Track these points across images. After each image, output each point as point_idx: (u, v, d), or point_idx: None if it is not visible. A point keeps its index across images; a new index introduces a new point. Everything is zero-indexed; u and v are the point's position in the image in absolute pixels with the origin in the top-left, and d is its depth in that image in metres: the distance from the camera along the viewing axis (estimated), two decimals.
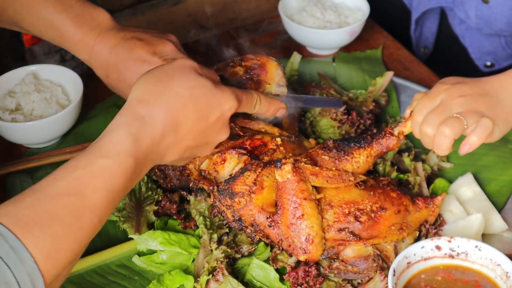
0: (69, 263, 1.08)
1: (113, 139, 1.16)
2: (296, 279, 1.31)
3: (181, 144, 1.25)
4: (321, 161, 1.40)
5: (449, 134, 1.30)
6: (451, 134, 1.30)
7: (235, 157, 1.39)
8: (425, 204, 1.40)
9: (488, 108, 1.33)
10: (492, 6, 1.83)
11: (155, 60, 1.43)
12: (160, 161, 1.25)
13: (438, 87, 1.37)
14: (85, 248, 1.13)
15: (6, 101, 1.67)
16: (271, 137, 1.45)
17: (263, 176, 1.35)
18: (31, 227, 1.03)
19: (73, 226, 1.07)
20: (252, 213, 1.34)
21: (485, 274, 1.29)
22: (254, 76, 1.53)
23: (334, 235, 1.33)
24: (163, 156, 1.24)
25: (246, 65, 1.54)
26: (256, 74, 1.53)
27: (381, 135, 1.42)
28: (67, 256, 1.07)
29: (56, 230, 1.05)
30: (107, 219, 1.47)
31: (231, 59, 1.57)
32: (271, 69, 1.53)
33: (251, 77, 1.53)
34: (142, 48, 1.45)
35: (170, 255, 1.40)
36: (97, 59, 1.47)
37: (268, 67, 1.54)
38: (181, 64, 1.28)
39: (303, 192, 1.30)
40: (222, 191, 1.35)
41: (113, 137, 1.17)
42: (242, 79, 1.53)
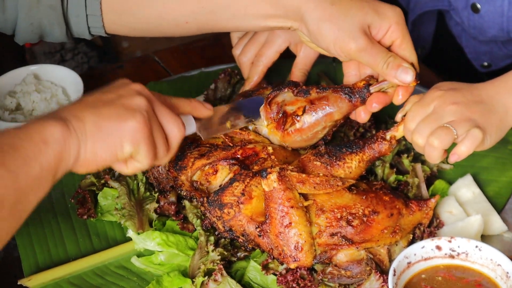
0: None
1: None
2: (287, 283, 1.31)
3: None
4: (313, 167, 1.40)
5: (437, 146, 1.30)
6: (440, 145, 1.30)
7: (226, 168, 1.40)
8: (418, 207, 1.40)
9: (481, 116, 1.33)
10: (483, 15, 1.83)
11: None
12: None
13: (431, 93, 1.37)
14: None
15: (6, 101, 1.67)
16: (262, 146, 1.45)
17: (252, 186, 1.35)
18: None
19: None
20: (242, 223, 1.34)
21: (485, 274, 1.29)
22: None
23: (326, 240, 1.33)
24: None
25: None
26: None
27: (373, 140, 1.43)
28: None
29: None
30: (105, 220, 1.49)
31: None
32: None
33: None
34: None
35: (168, 256, 1.40)
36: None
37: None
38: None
39: (290, 200, 1.30)
40: (211, 202, 1.36)
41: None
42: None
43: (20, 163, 1.08)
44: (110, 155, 1.21)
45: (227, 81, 1.74)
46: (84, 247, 1.45)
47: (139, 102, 1.24)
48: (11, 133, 1.12)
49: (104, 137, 1.19)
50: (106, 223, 1.49)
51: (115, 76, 1.88)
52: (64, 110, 1.20)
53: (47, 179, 1.13)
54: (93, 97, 1.24)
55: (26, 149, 1.10)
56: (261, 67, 1.64)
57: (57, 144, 1.14)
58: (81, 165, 1.19)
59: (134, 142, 1.21)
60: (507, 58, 1.97)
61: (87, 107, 1.21)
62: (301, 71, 1.64)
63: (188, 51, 1.99)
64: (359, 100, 1.45)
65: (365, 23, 1.40)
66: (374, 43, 1.40)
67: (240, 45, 1.69)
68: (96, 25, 1.46)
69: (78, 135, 1.17)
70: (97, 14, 1.44)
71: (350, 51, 1.39)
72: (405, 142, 1.61)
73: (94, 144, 1.18)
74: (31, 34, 1.47)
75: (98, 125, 1.19)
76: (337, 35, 1.39)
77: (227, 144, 1.46)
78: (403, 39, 1.42)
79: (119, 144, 1.20)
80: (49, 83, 1.72)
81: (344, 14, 1.39)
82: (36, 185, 1.11)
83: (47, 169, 1.12)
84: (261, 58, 1.64)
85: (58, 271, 1.39)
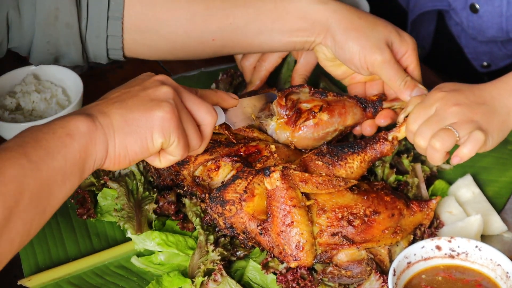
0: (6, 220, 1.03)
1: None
2: (287, 282, 1.31)
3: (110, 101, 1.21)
4: (315, 166, 1.40)
5: (439, 148, 1.31)
6: (442, 148, 1.30)
7: (228, 164, 1.40)
8: (419, 208, 1.40)
9: (483, 117, 1.33)
10: (482, 15, 1.84)
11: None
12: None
13: (433, 94, 1.37)
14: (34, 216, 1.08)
15: (6, 101, 1.67)
16: (265, 144, 1.46)
17: (254, 184, 1.35)
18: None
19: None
20: (243, 220, 1.34)
21: (485, 274, 1.29)
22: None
23: (327, 239, 1.33)
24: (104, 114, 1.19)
25: None
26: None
27: (375, 141, 1.43)
28: (5, 214, 1.02)
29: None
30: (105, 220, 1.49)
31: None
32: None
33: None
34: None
35: (168, 256, 1.40)
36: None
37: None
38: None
39: (292, 200, 1.30)
40: (213, 199, 1.36)
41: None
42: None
43: (42, 154, 1.08)
44: (141, 148, 1.19)
45: (228, 82, 1.74)
46: (84, 247, 1.45)
47: (165, 91, 1.22)
48: (34, 128, 1.12)
49: (133, 130, 1.18)
50: (106, 223, 1.49)
51: (115, 76, 1.88)
52: (89, 108, 1.19)
53: (73, 173, 1.12)
54: (117, 92, 1.23)
55: (49, 141, 1.10)
56: (263, 72, 1.66)
57: (82, 138, 1.13)
58: (112, 161, 1.18)
59: (164, 132, 1.19)
60: (507, 58, 1.97)
61: (112, 102, 1.20)
62: (301, 77, 1.66)
63: None
64: (372, 112, 1.51)
65: (389, 40, 1.47)
66: (396, 60, 1.47)
67: None
68: (115, 46, 1.45)
69: (105, 130, 1.16)
70: (117, 35, 1.43)
71: (375, 61, 1.45)
72: (405, 142, 1.61)
73: (124, 138, 1.17)
74: (46, 53, 1.46)
75: (125, 119, 1.18)
76: (364, 45, 1.45)
77: (230, 140, 1.46)
78: (416, 66, 1.50)
79: (149, 136, 1.19)
80: (49, 83, 1.72)
81: (371, 27, 1.46)
82: (61, 178, 1.10)
83: (72, 163, 1.11)
84: (264, 63, 1.66)
85: (58, 271, 1.39)
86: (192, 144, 1.25)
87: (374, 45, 1.44)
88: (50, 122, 1.13)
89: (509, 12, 1.80)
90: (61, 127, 1.12)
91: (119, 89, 1.24)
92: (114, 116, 1.17)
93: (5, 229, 1.02)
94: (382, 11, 2.14)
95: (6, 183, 1.02)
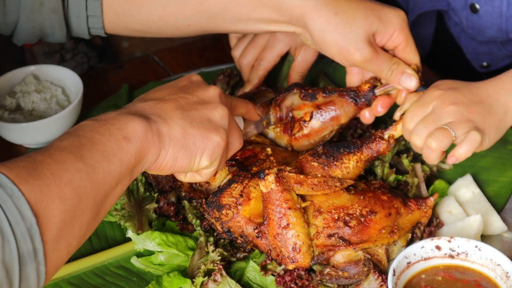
0: (66, 225, 1.02)
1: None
2: (285, 283, 1.31)
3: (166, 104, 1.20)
4: (311, 168, 1.40)
5: (435, 148, 1.30)
6: (437, 147, 1.30)
7: (225, 169, 1.40)
8: (417, 206, 1.40)
9: (480, 116, 1.33)
10: (482, 15, 1.83)
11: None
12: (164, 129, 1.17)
13: (431, 92, 1.37)
14: (88, 222, 1.06)
15: (6, 101, 1.67)
16: (261, 147, 1.46)
17: (250, 187, 1.35)
18: (28, 179, 0.99)
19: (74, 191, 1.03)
20: (240, 224, 1.34)
21: (485, 274, 1.29)
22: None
23: (324, 241, 1.33)
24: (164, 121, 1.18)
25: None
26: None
27: (371, 140, 1.42)
28: (64, 218, 1.01)
29: (52, 187, 1.00)
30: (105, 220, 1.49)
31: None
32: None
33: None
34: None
35: (168, 257, 1.40)
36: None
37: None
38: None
39: (288, 202, 1.30)
40: (210, 204, 1.36)
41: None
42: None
43: (98, 157, 1.07)
44: (188, 164, 1.20)
45: (226, 82, 1.74)
46: (84, 247, 1.45)
47: (224, 115, 1.23)
48: (89, 126, 1.11)
49: (187, 146, 1.19)
50: (106, 224, 1.49)
51: (115, 76, 1.88)
52: (146, 108, 1.18)
53: (125, 177, 1.12)
54: (172, 94, 1.22)
55: (105, 144, 1.09)
56: (261, 71, 1.65)
57: (138, 142, 1.12)
58: (157, 168, 1.18)
59: (212, 157, 1.21)
60: (506, 58, 1.97)
61: (172, 107, 1.19)
62: (299, 75, 1.65)
63: (188, 51, 1.99)
64: (365, 104, 1.48)
65: (370, 32, 1.40)
66: (379, 52, 1.41)
67: (240, 47, 1.69)
68: (96, 26, 1.45)
69: (161, 138, 1.16)
70: (97, 15, 1.43)
71: (355, 61, 1.40)
72: (404, 142, 1.61)
73: (177, 150, 1.18)
74: (31, 36, 1.47)
75: (184, 132, 1.18)
76: (342, 46, 1.39)
77: None
78: (406, 43, 1.43)
79: (199, 155, 1.20)
80: (49, 83, 1.72)
81: (349, 24, 1.38)
82: (115, 181, 1.09)
83: (127, 167, 1.11)
84: (262, 62, 1.65)
85: (58, 271, 1.38)
86: (219, 168, 1.28)
87: (352, 45, 1.39)
88: (106, 121, 1.12)
89: (509, 13, 1.80)
90: (118, 128, 1.11)
91: (173, 90, 1.23)
92: (174, 126, 1.17)
93: (64, 233, 1.01)
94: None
95: (63, 187, 1.01)
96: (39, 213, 0.97)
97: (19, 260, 0.95)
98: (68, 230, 1.02)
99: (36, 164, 1.01)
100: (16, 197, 0.96)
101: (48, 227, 0.98)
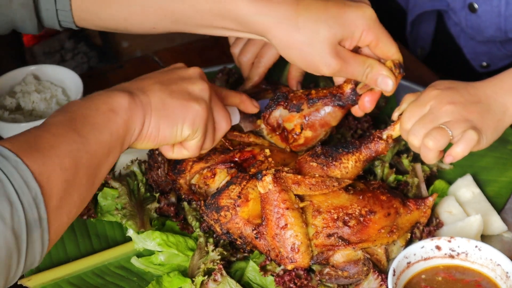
0: (66, 193, 1.08)
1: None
2: (284, 283, 1.32)
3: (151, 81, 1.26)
4: (309, 168, 1.40)
5: (432, 147, 1.30)
6: (434, 147, 1.30)
7: (224, 171, 1.40)
8: (416, 206, 1.40)
9: (478, 116, 1.33)
10: (481, 14, 1.83)
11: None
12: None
13: (428, 92, 1.37)
14: (86, 194, 1.13)
15: (6, 101, 1.67)
16: (260, 148, 1.46)
17: (248, 189, 1.36)
18: (30, 151, 1.05)
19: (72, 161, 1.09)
20: (239, 225, 1.35)
21: (485, 274, 1.29)
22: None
23: (323, 240, 1.33)
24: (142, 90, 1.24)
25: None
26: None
27: (370, 140, 1.42)
28: (64, 187, 1.08)
29: (53, 159, 1.07)
30: (106, 220, 1.49)
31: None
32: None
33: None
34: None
35: (168, 256, 1.40)
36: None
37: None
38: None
39: (285, 202, 1.30)
40: (208, 206, 1.36)
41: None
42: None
43: (90, 129, 1.13)
44: (170, 133, 1.25)
45: (225, 80, 1.75)
46: (84, 248, 1.45)
47: (203, 88, 1.28)
48: (77, 104, 1.17)
49: (168, 115, 1.23)
50: (106, 224, 1.49)
51: (115, 76, 1.88)
52: (128, 85, 1.24)
53: (116, 147, 1.18)
54: (156, 75, 1.28)
55: (95, 117, 1.15)
56: (262, 69, 1.65)
57: (124, 114, 1.18)
58: (143, 139, 1.23)
59: (193, 126, 1.25)
60: (506, 58, 1.97)
61: (153, 82, 1.25)
62: (298, 71, 1.65)
63: (188, 51, 1.99)
64: (351, 104, 1.45)
65: (335, 41, 1.34)
66: (348, 60, 1.36)
67: (239, 44, 1.69)
68: (66, 19, 1.46)
69: (144, 108, 1.21)
70: (66, 10, 1.44)
71: (324, 74, 1.36)
72: (404, 142, 1.61)
73: (158, 119, 1.23)
74: (2, 29, 1.48)
75: (164, 102, 1.23)
76: (308, 62, 1.35)
77: (226, 147, 1.46)
78: (378, 40, 1.37)
79: (180, 124, 1.25)
80: (49, 83, 1.72)
81: (312, 39, 1.33)
82: (107, 152, 1.16)
83: (116, 137, 1.17)
84: (262, 59, 1.64)
85: (58, 272, 1.39)
86: (205, 144, 1.31)
87: (317, 60, 1.34)
88: (91, 98, 1.19)
89: (507, 12, 1.80)
90: (103, 103, 1.18)
91: (156, 74, 1.29)
92: (153, 96, 1.22)
93: (65, 202, 1.07)
94: (381, 11, 2.14)
95: (62, 157, 1.07)
96: (43, 183, 1.03)
97: (27, 228, 1.00)
98: (69, 198, 1.08)
99: (36, 138, 1.08)
100: (20, 168, 1.02)
101: (51, 196, 1.04)
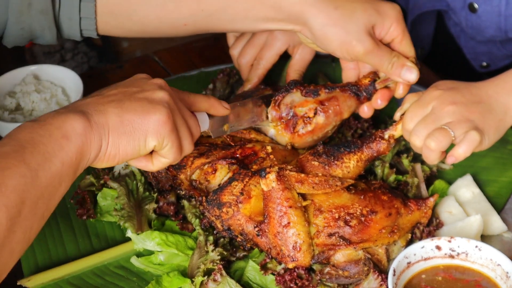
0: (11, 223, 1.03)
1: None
2: (285, 283, 1.31)
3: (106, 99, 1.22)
4: (311, 167, 1.40)
5: (434, 148, 1.31)
6: (436, 147, 1.30)
7: (225, 167, 1.40)
8: (417, 206, 1.40)
9: (480, 116, 1.33)
10: (481, 14, 1.83)
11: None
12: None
13: (430, 92, 1.37)
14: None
15: (6, 101, 1.67)
16: (261, 145, 1.46)
17: (251, 186, 1.35)
18: None
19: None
20: (240, 222, 1.34)
21: (485, 274, 1.29)
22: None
23: (324, 240, 1.33)
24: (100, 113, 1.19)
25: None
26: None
27: (371, 139, 1.43)
28: (8, 225, 1.02)
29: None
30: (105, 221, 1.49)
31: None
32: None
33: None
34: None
35: (168, 256, 1.40)
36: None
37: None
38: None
39: (288, 200, 1.30)
40: (210, 202, 1.36)
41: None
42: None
43: (41, 160, 1.08)
44: (132, 149, 1.20)
45: (225, 81, 1.75)
46: (84, 248, 1.45)
47: (162, 96, 1.23)
48: (28, 128, 1.12)
49: (127, 131, 1.19)
50: (106, 224, 1.49)
51: (115, 76, 1.88)
52: (84, 104, 1.19)
53: (68, 175, 1.12)
54: (113, 90, 1.24)
55: (46, 145, 1.09)
56: (261, 70, 1.66)
57: (78, 139, 1.13)
58: (101, 160, 1.19)
59: (158, 136, 1.21)
60: (506, 58, 1.97)
61: (109, 101, 1.21)
62: (297, 73, 1.65)
63: (188, 51, 1.99)
64: (366, 97, 1.49)
65: (370, 24, 1.41)
66: (379, 44, 1.43)
67: (238, 46, 1.69)
68: (89, 27, 1.45)
69: (100, 130, 1.16)
70: (91, 17, 1.43)
71: (357, 53, 1.41)
72: (404, 142, 1.61)
73: (117, 138, 1.18)
74: (21, 38, 1.46)
75: (121, 119, 1.19)
76: (344, 39, 1.40)
77: (227, 143, 1.46)
78: (403, 36, 1.45)
79: (142, 138, 1.20)
80: (49, 83, 1.72)
81: (349, 17, 1.40)
82: (58, 181, 1.10)
83: (69, 165, 1.12)
84: (261, 61, 1.65)
85: (58, 272, 1.39)
86: (185, 148, 1.27)
87: (354, 37, 1.40)
88: (45, 121, 1.13)
89: (507, 12, 1.80)
90: (57, 128, 1.12)
91: (115, 87, 1.25)
92: (110, 115, 1.18)
93: (7, 240, 1.02)
94: None
95: (8, 194, 1.02)
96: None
97: None
98: (12, 236, 1.03)
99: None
100: None
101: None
